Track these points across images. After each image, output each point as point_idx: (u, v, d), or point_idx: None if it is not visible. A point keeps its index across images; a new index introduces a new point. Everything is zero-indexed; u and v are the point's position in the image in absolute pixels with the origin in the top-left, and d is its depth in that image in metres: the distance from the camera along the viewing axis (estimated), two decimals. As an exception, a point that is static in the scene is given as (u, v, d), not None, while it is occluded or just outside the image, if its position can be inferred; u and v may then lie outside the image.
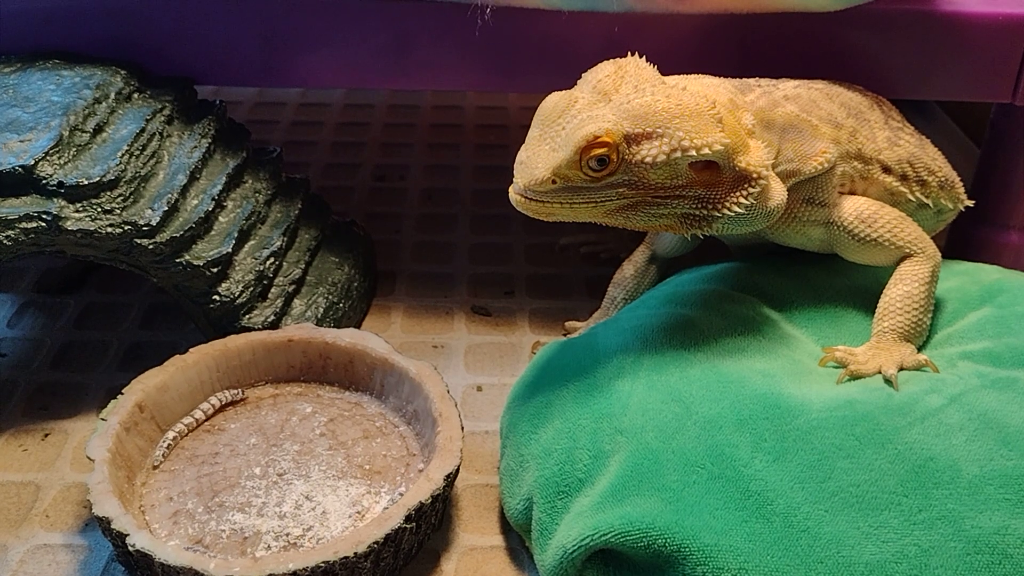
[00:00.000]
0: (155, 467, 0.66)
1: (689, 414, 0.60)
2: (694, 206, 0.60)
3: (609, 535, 0.55)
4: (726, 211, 0.60)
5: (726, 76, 0.80)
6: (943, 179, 0.74)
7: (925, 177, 0.73)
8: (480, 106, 1.31)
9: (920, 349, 0.69)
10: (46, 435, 0.74)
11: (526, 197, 0.59)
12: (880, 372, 0.64)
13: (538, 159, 0.58)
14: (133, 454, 0.66)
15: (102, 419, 0.65)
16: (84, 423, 0.75)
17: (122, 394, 0.67)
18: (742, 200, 0.60)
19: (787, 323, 0.71)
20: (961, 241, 0.91)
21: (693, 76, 0.65)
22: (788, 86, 0.69)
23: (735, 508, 0.55)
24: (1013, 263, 0.86)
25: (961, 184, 0.78)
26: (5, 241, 0.67)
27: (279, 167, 0.86)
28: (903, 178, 0.71)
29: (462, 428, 0.65)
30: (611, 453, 0.60)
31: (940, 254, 0.69)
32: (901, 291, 0.67)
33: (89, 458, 0.62)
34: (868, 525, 0.53)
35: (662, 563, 0.55)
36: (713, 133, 0.57)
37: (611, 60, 0.62)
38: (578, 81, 0.62)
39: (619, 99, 0.59)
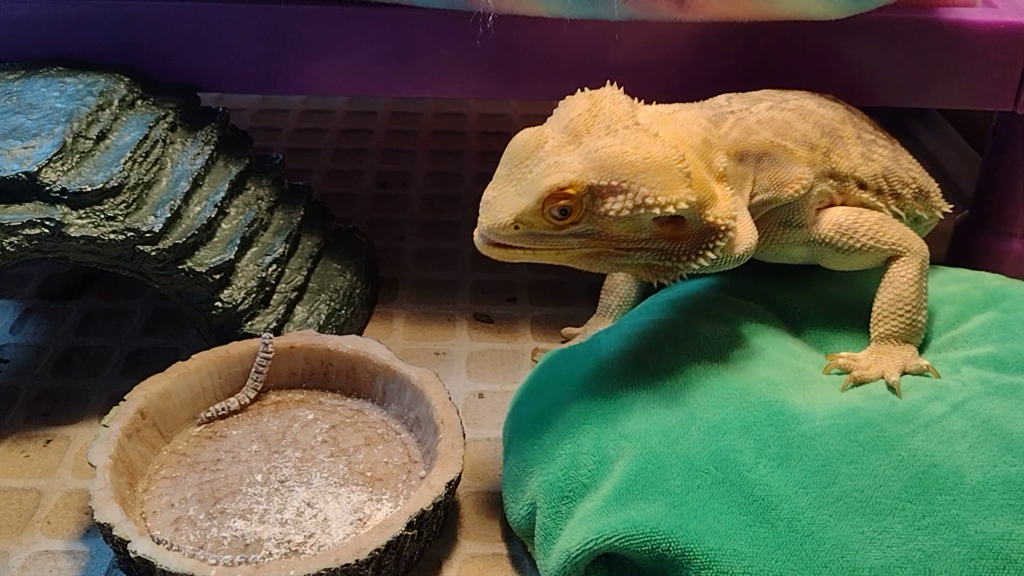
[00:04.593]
0: (198, 424, 0.70)
1: (693, 419, 0.60)
2: (658, 258, 0.59)
3: (613, 539, 0.55)
4: (692, 264, 0.59)
5: (726, 84, 0.80)
6: (917, 190, 0.73)
7: (899, 190, 0.72)
8: (482, 113, 1.31)
9: (923, 351, 0.69)
10: (48, 441, 0.74)
11: (489, 241, 0.58)
12: (883, 377, 0.64)
13: (502, 202, 0.57)
14: (135, 460, 0.66)
15: (104, 425, 0.65)
16: (86, 429, 0.75)
17: (124, 400, 0.67)
18: (708, 254, 0.59)
19: (790, 330, 0.71)
20: (963, 249, 0.91)
21: (671, 109, 0.63)
22: (761, 108, 0.67)
23: (739, 513, 0.55)
24: (1015, 271, 0.86)
25: (938, 192, 0.77)
26: (8, 247, 0.67)
27: (282, 174, 0.86)
28: (878, 192, 0.71)
29: (464, 435, 0.65)
30: (615, 458, 0.60)
31: (927, 247, 0.68)
32: (891, 295, 0.67)
33: (91, 464, 0.62)
34: (872, 530, 0.53)
35: (666, 567, 0.55)
36: (679, 190, 0.56)
37: (587, 93, 0.61)
38: (554, 110, 0.61)
39: (588, 143, 0.57)
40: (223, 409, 0.71)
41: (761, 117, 0.66)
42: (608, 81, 0.62)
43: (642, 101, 0.64)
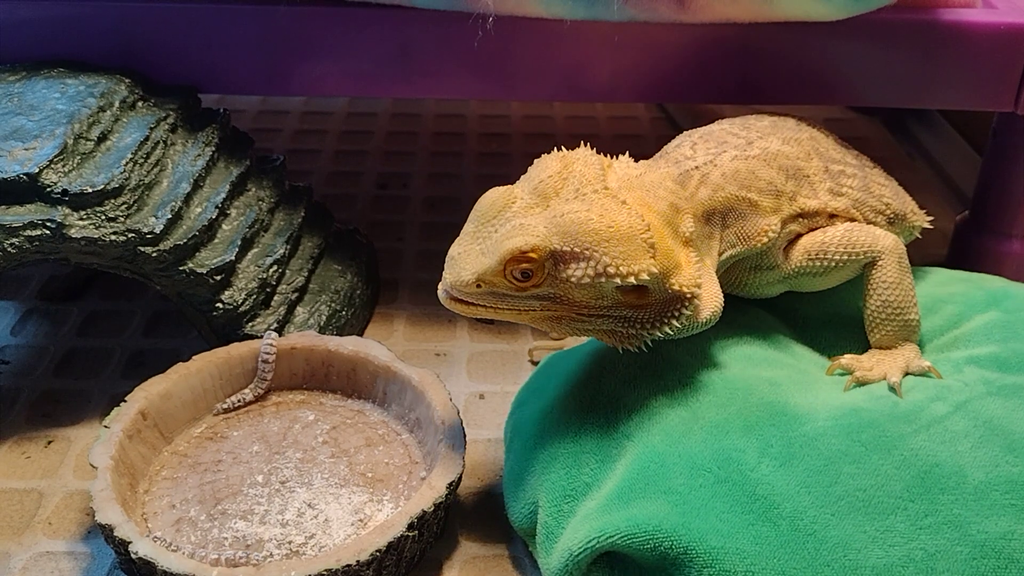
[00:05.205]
0: (216, 414, 0.71)
1: (696, 419, 0.60)
2: (621, 325, 0.59)
3: (615, 537, 0.55)
4: (656, 332, 0.59)
5: (726, 86, 0.81)
6: (892, 215, 0.72)
7: (872, 218, 0.71)
8: (483, 115, 1.31)
9: (924, 350, 0.69)
10: (49, 442, 0.74)
11: (451, 296, 0.58)
12: (886, 378, 0.64)
13: (466, 260, 0.57)
14: (136, 461, 0.66)
15: (105, 426, 0.65)
16: (87, 430, 0.75)
17: (125, 401, 0.67)
18: (673, 322, 0.58)
19: (793, 332, 0.71)
20: (963, 250, 0.92)
21: (639, 171, 0.62)
22: (725, 159, 0.65)
23: (742, 511, 0.55)
24: (1015, 273, 0.86)
25: (915, 210, 0.75)
26: (9, 249, 0.67)
27: (283, 175, 0.86)
28: (850, 221, 0.69)
29: (465, 436, 0.65)
30: (617, 457, 0.60)
31: (900, 241, 0.67)
32: (877, 302, 0.67)
33: (92, 465, 0.62)
34: (874, 529, 0.54)
35: (668, 565, 0.55)
36: (642, 260, 0.56)
37: (559, 155, 0.60)
38: (528, 170, 0.61)
39: (555, 206, 0.57)
40: (239, 401, 0.72)
41: (725, 170, 0.64)
42: (583, 142, 0.62)
43: (617, 156, 0.63)
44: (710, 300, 0.60)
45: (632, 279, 0.56)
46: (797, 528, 0.54)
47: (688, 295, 0.58)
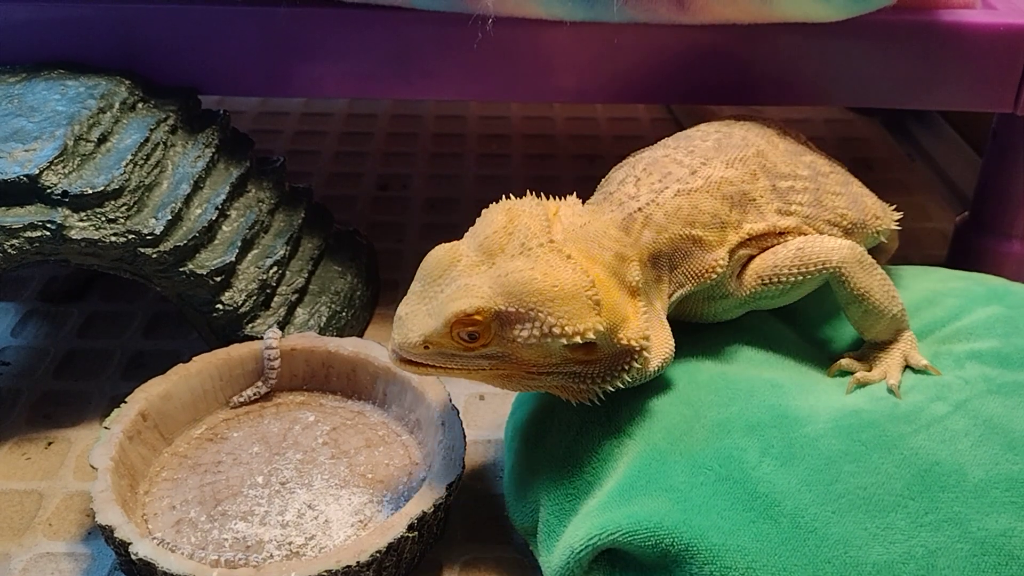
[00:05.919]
0: (233, 407, 0.72)
1: (697, 417, 0.60)
2: (572, 380, 0.58)
3: (616, 534, 0.55)
4: (607, 386, 0.58)
5: (726, 87, 0.81)
6: (849, 224, 0.70)
7: (826, 230, 0.69)
8: (482, 116, 1.31)
9: (926, 342, 0.68)
10: (49, 443, 0.74)
11: (400, 358, 0.58)
12: (885, 379, 0.64)
13: (413, 321, 0.57)
14: (136, 463, 0.66)
15: (105, 428, 0.65)
16: (87, 432, 0.75)
17: (125, 402, 0.67)
18: (624, 375, 0.58)
19: (794, 334, 0.71)
20: (962, 251, 0.92)
21: (583, 220, 0.60)
22: (667, 196, 0.63)
23: (743, 509, 0.55)
24: (1015, 273, 0.86)
25: (877, 215, 0.72)
26: (9, 250, 0.67)
27: (283, 176, 0.86)
28: (801, 236, 0.67)
29: (465, 437, 0.65)
30: (619, 455, 0.60)
31: (855, 245, 0.65)
32: (858, 312, 0.66)
33: (92, 466, 0.62)
34: (875, 526, 0.54)
35: (669, 563, 0.55)
36: (588, 318, 0.55)
37: (505, 206, 0.60)
38: (475, 222, 0.61)
39: (501, 264, 0.56)
40: (255, 394, 0.72)
41: (668, 209, 0.63)
42: (528, 191, 0.62)
43: (565, 197, 0.62)
44: (660, 349, 0.60)
45: (578, 338, 0.55)
46: (798, 525, 0.54)
47: (637, 348, 0.58)
